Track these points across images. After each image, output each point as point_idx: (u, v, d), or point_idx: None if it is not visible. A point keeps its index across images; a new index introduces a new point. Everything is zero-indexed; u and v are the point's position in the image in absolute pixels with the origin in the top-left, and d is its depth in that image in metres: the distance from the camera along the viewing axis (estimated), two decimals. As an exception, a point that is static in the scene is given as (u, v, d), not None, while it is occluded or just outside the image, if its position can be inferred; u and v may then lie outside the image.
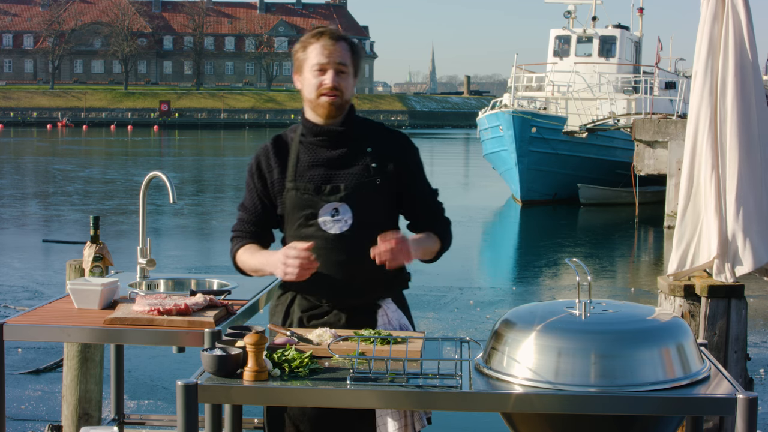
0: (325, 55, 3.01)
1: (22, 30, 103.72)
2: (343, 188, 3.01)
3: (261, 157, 3.12)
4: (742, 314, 4.78)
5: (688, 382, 2.42)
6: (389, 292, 3.12)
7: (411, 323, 3.18)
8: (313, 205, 3.02)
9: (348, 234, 3.00)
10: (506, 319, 2.61)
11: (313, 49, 3.03)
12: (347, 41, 3.07)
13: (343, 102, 3.05)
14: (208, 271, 12.65)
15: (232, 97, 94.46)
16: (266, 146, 3.14)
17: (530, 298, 11.41)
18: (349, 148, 3.06)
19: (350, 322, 3.04)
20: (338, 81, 3.01)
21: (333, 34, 3.05)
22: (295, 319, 3.09)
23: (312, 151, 3.06)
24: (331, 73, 3.00)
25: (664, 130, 18.06)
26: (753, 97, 4.64)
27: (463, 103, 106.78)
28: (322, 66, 3.01)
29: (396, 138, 3.15)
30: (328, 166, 3.04)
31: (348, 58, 3.04)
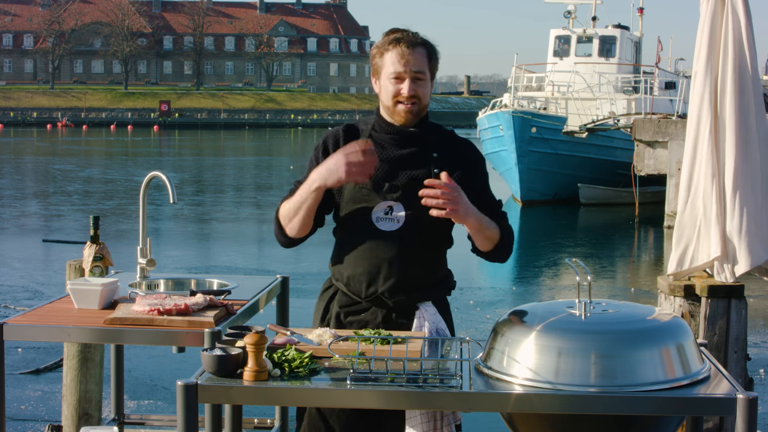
0: (401, 63, 3.00)
1: (22, 30, 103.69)
2: (402, 188, 3.02)
3: (330, 140, 3.12)
4: (742, 314, 4.78)
5: (688, 382, 2.42)
6: (430, 295, 3.11)
7: (450, 329, 3.15)
8: (369, 200, 3.03)
9: (398, 233, 3.02)
10: (506, 319, 2.61)
11: (389, 56, 3.02)
12: (425, 46, 3.05)
13: (421, 108, 3.06)
14: (208, 271, 12.66)
15: (232, 97, 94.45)
16: (337, 131, 3.14)
17: (530, 298, 11.41)
18: (416, 149, 3.07)
19: (386, 321, 3.04)
20: (415, 89, 3.01)
21: (410, 41, 3.02)
22: (333, 314, 3.12)
23: (379, 146, 3.06)
24: (408, 82, 3.01)
25: (664, 130, 18.06)
26: (752, 98, 4.65)
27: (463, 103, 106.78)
28: (399, 75, 3.01)
29: (463, 147, 3.15)
30: (392, 164, 3.04)
31: (425, 64, 3.03)
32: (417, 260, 3.04)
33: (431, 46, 3.07)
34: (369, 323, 3.04)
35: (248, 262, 13.68)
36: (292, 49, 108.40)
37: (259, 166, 37.49)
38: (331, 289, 3.17)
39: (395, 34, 3.04)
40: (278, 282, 3.88)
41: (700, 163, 4.68)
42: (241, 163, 39.51)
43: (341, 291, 3.12)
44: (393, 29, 3.08)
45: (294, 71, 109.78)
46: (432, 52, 3.06)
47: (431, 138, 3.09)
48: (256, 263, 13.67)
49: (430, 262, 3.09)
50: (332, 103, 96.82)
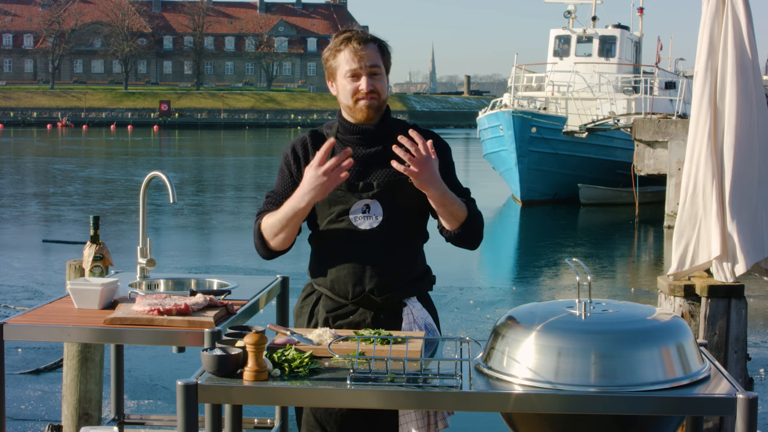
0: (356, 60, 3.02)
1: (22, 30, 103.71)
2: (376, 186, 3.04)
3: (298, 147, 3.14)
4: (742, 314, 4.78)
5: (688, 382, 2.42)
6: (415, 291, 3.13)
7: (437, 323, 3.18)
8: (345, 201, 3.05)
9: (377, 230, 3.04)
10: (506, 319, 2.61)
11: (343, 56, 3.04)
12: (375, 41, 3.08)
13: (381, 103, 3.08)
14: (208, 271, 12.66)
15: (232, 97, 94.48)
16: (304, 137, 3.16)
17: (530, 298, 11.41)
18: (383, 146, 3.08)
19: (376, 321, 3.05)
20: (373, 83, 3.03)
21: (360, 38, 3.05)
22: (320, 320, 3.11)
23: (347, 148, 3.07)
24: (365, 78, 3.03)
25: (664, 130, 18.06)
26: (752, 97, 4.65)
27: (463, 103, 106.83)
28: (354, 72, 3.03)
29: (428, 136, 3.15)
30: (363, 163, 3.06)
31: (379, 58, 3.06)
32: (399, 256, 3.06)
33: (382, 42, 3.10)
34: (359, 325, 3.05)
35: (248, 262, 13.67)
36: (292, 49, 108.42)
37: (259, 166, 37.50)
38: (313, 295, 3.17)
39: (345, 34, 3.07)
40: (278, 282, 3.88)
41: (701, 162, 4.68)
42: (241, 163, 39.52)
43: (325, 296, 3.12)
44: (342, 30, 3.11)
45: (294, 71, 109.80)
46: (383, 47, 3.09)
47: (396, 132, 3.08)
48: (256, 263, 13.66)
49: (411, 257, 3.12)
50: (332, 103, 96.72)
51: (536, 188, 23.61)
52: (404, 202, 3.04)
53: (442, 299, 10.83)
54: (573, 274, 2.57)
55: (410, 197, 3.04)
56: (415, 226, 3.11)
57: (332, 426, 3.00)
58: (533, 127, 23.18)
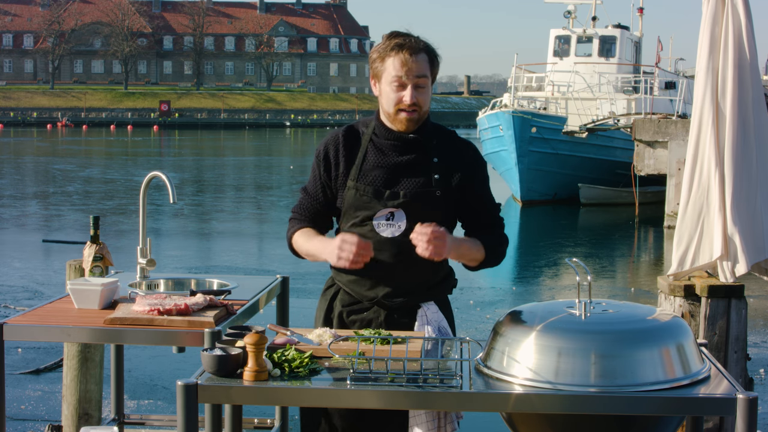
0: (404, 71, 2.98)
1: (22, 30, 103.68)
2: (402, 195, 3.02)
3: (330, 146, 3.13)
4: (742, 314, 4.78)
5: (688, 382, 2.42)
6: (432, 296, 3.14)
7: (452, 327, 3.18)
8: (370, 207, 3.04)
9: (399, 239, 3.03)
10: (506, 319, 2.61)
11: (391, 62, 3.00)
12: (427, 52, 3.03)
13: (422, 115, 3.05)
14: (208, 271, 12.65)
15: (232, 97, 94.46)
16: (337, 136, 3.14)
17: (530, 298, 11.40)
18: (416, 155, 3.06)
19: (389, 320, 3.07)
20: (417, 96, 3.00)
21: (413, 47, 2.99)
22: (336, 313, 3.14)
23: (380, 152, 3.07)
24: (410, 89, 2.99)
25: (664, 130, 18.06)
26: (752, 97, 4.65)
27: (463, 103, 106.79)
28: (401, 81, 3.00)
29: (464, 150, 3.14)
30: (393, 170, 3.05)
31: (427, 69, 3.02)
32: (418, 265, 3.04)
33: (433, 51, 3.05)
34: (372, 322, 3.07)
35: (248, 262, 13.67)
36: (292, 49, 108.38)
37: (259, 166, 37.50)
38: (333, 288, 3.19)
39: (397, 40, 3.01)
40: (278, 282, 3.88)
41: (703, 163, 4.69)
42: (241, 163, 39.51)
43: (343, 290, 3.14)
44: (395, 33, 3.05)
45: (294, 71, 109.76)
46: (434, 57, 3.05)
47: (432, 142, 3.09)
48: (256, 263, 13.67)
49: (430, 267, 3.09)
50: (332, 103, 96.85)
51: (536, 188, 23.60)
52: (429, 214, 3.01)
53: (442, 299, 10.82)
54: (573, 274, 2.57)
55: (436, 210, 3.04)
56: None
57: (338, 420, 3.00)
58: (533, 127, 23.18)
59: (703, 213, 4.69)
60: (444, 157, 3.08)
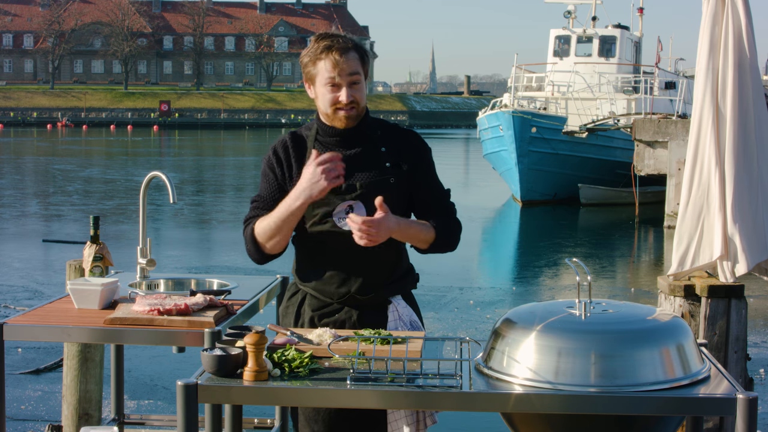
0: (336, 71, 3.00)
1: (22, 30, 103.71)
2: (359, 187, 3.04)
3: (279, 150, 3.14)
4: (742, 314, 4.78)
5: (688, 382, 2.42)
6: (399, 289, 3.16)
7: (421, 321, 3.21)
8: (328, 203, 3.05)
9: None
10: (506, 319, 2.61)
11: (323, 64, 3.01)
12: (356, 49, 3.05)
13: (360, 111, 3.07)
14: (208, 271, 12.66)
15: (232, 97, 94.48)
16: (284, 140, 3.15)
17: (530, 298, 11.40)
18: (363, 147, 3.09)
19: (361, 320, 3.07)
20: (353, 94, 3.03)
21: (342, 47, 3.01)
22: (306, 319, 3.13)
23: (328, 149, 3.08)
24: (345, 88, 3.01)
25: (664, 130, 18.06)
26: (752, 97, 4.65)
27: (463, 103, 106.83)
28: (335, 82, 3.01)
29: (409, 137, 3.18)
30: (344, 164, 3.04)
31: (359, 66, 3.04)
32: (383, 256, 3.08)
33: (362, 49, 3.07)
34: (345, 323, 3.07)
35: (248, 262, 13.60)
36: (292, 49, 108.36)
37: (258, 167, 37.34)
38: (298, 294, 3.18)
39: (326, 41, 3.02)
40: (278, 282, 3.88)
41: (703, 163, 4.69)
42: (241, 163, 39.51)
43: (310, 295, 3.14)
44: (322, 35, 3.06)
45: (294, 71, 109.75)
46: (363, 54, 3.06)
47: (376, 133, 3.12)
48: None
49: (395, 257, 3.13)
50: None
51: (536, 188, 23.60)
52: (387, 203, 3.00)
53: (442, 299, 10.83)
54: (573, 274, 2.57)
55: (392, 197, 3.05)
56: None
57: (320, 425, 3.01)
58: (533, 127, 23.18)
59: (703, 213, 4.69)
60: (391, 146, 3.12)
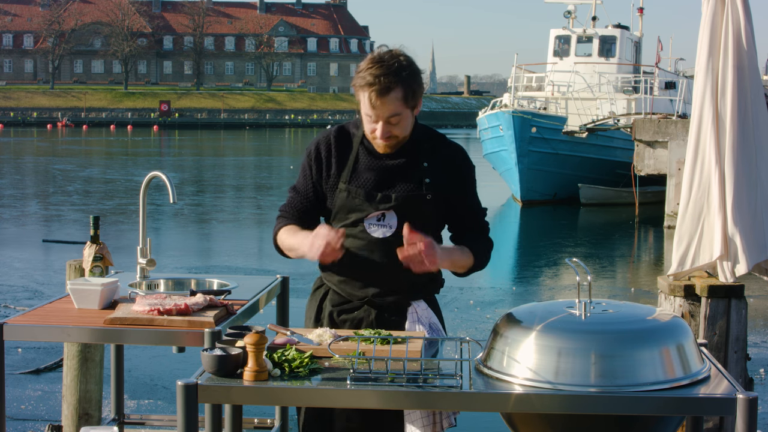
0: (374, 112, 2.93)
1: (22, 30, 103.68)
2: (394, 199, 3.04)
3: (322, 146, 3.12)
4: (742, 314, 4.78)
5: (688, 382, 2.42)
6: (422, 294, 3.17)
7: (442, 324, 3.22)
8: (361, 209, 3.05)
9: (390, 239, 3.04)
10: (506, 319, 2.61)
11: (363, 97, 2.93)
12: (401, 86, 2.89)
13: (401, 140, 3.03)
14: (208, 271, 12.65)
15: (232, 97, 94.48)
16: (329, 136, 3.12)
17: (530, 298, 11.40)
18: (406, 159, 3.06)
19: (380, 319, 3.08)
20: (390, 129, 2.97)
21: (382, 89, 2.87)
22: (326, 314, 3.16)
23: (371, 155, 3.06)
24: (382, 125, 2.96)
25: (664, 130, 18.06)
26: (752, 97, 4.65)
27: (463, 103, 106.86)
28: (372, 118, 2.96)
29: (453, 154, 3.13)
30: (383, 174, 3.05)
31: (401, 106, 2.92)
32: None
33: (409, 83, 2.91)
34: (363, 321, 3.08)
35: (248, 262, 13.67)
36: (292, 49, 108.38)
37: (259, 166, 37.49)
38: (322, 288, 3.21)
39: (370, 73, 2.88)
40: (278, 282, 3.88)
41: (702, 162, 4.69)
42: (241, 163, 39.51)
43: (333, 290, 3.16)
44: (375, 59, 2.91)
45: (294, 71, 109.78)
46: (409, 91, 2.91)
47: (422, 146, 3.09)
48: (256, 263, 13.67)
49: None
50: (332, 103, 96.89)
51: (536, 188, 23.60)
52: (419, 216, 3.04)
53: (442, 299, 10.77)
54: (573, 274, 2.58)
55: (426, 212, 3.06)
56: (427, 234, 3.08)
57: (336, 426, 3.01)
58: (533, 127, 23.18)
59: (703, 213, 4.69)
60: (434, 161, 3.09)
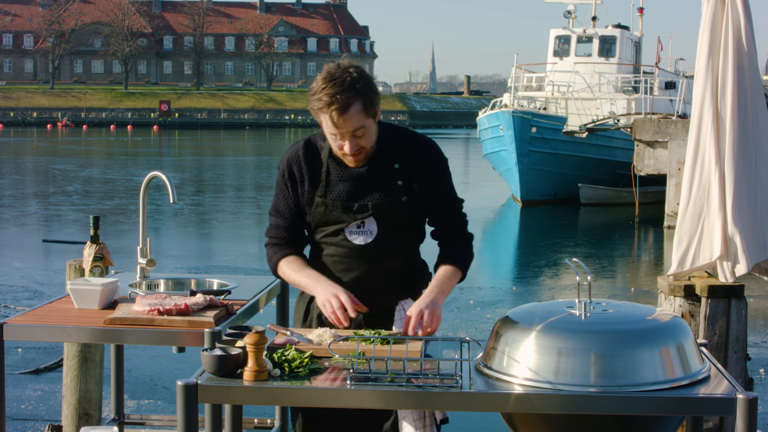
0: (338, 131, 2.93)
1: (22, 30, 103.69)
2: (371, 207, 3.05)
3: (293, 163, 3.13)
4: (742, 314, 4.78)
5: (688, 382, 2.42)
6: (409, 293, 3.17)
7: None
8: (341, 220, 3.07)
9: (372, 245, 3.07)
10: (506, 319, 2.61)
11: (324, 117, 2.93)
12: (359, 99, 2.90)
13: (369, 151, 3.03)
14: (208, 271, 12.65)
15: (232, 97, 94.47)
16: (297, 153, 3.12)
17: (530, 298, 11.40)
18: (376, 165, 3.07)
19: (367, 319, 3.08)
20: (358, 142, 2.97)
21: (341, 106, 2.87)
22: (314, 316, 3.16)
23: (341, 166, 3.07)
24: (348, 141, 2.96)
25: (664, 130, 18.05)
26: (752, 97, 4.65)
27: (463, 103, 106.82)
28: (337, 136, 2.96)
29: (423, 149, 3.13)
30: (356, 183, 3.06)
31: (363, 118, 2.93)
32: (392, 266, 3.10)
33: (365, 94, 2.91)
34: (351, 322, 3.06)
35: (248, 262, 13.67)
36: (292, 49, 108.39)
37: (259, 166, 37.50)
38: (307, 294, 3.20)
39: (327, 92, 2.88)
40: (278, 282, 3.88)
41: (702, 162, 4.69)
42: (241, 163, 39.51)
43: None
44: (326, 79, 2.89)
45: (294, 71, 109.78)
46: (366, 101, 2.91)
47: (390, 150, 3.08)
48: (256, 263, 13.66)
49: (404, 267, 3.15)
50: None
51: (536, 188, 23.60)
52: (399, 220, 3.07)
53: (442, 299, 10.80)
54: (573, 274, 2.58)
55: (404, 213, 3.08)
56: (409, 238, 3.15)
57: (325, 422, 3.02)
58: (533, 127, 23.18)
59: (703, 213, 4.69)
60: (404, 162, 3.08)
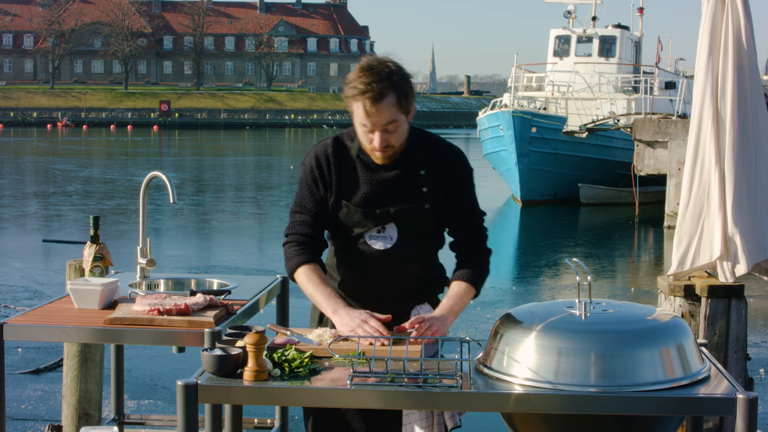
0: (370, 120, 2.89)
1: (22, 30, 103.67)
2: (393, 212, 3.03)
3: (322, 160, 3.07)
4: (742, 314, 4.78)
5: (688, 382, 2.42)
6: (425, 297, 3.17)
7: None
8: (362, 225, 3.06)
9: (391, 250, 3.06)
10: (506, 319, 2.62)
11: (357, 106, 2.90)
12: (394, 91, 2.87)
13: (397, 150, 3.00)
14: (208, 271, 12.65)
15: (232, 97, 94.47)
16: (326, 150, 3.07)
17: (530, 298, 11.40)
18: (403, 170, 3.05)
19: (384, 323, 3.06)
20: (387, 138, 2.94)
21: (376, 95, 2.84)
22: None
23: (367, 168, 3.05)
24: (379, 134, 2.92)
25: (664, 130, 18.05)
26: (752, 97, 4.65)
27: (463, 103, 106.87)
28: (368, 128, 2.93)
29: (451, 158, 3.10)
30: (381, 187, 3.04)
31: (396, 112, 2.89)
32: (410, 271, 3.10)
33: (401, 87, 2.89)
34: None
35: (248, 262, 13.67)
36: (292, 49, 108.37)
37: (259, 166, 37.49)
38: None
39: (362, 82, 2.86)
40: (278, 282, 3.88)
41: (702, 162, 4.69)
42: (241, 163, 39.51)
43: (337, 292, 3.14)
44: (364, 68, 2.88)
45: (294, 71, 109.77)
46: (401, 94, 2.89)
47: (417, 155, 3.07)
48: (256, 263, 13.67)
49: (422, 273, 3.15)
50: (332, 103, 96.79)
51: (536, 188, 23.60)
52: (419, 227, 3.06)
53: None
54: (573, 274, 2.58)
55: (426, 221, 3.07)
56: (428, 244, 3.14)
57: (336, 425, 3.02)
58: (533, 127, 23.18)
59: (703, 213, 4.69)
60: (431, 168, 3.06)
